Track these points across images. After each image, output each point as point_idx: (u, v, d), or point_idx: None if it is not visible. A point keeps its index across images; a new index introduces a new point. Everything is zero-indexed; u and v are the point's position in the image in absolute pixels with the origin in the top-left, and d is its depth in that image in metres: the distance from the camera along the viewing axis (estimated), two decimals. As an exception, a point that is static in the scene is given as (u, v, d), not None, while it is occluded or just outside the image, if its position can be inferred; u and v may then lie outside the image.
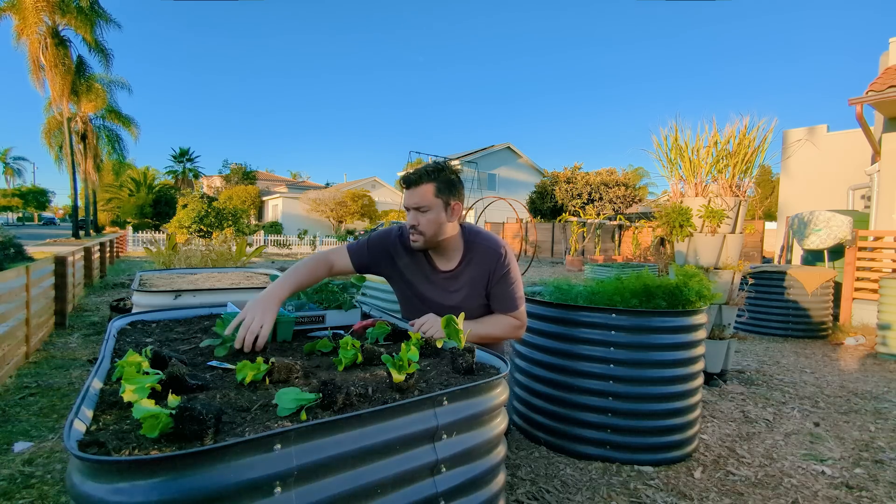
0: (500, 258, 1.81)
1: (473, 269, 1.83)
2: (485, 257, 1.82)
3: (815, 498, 1.95)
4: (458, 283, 1.84)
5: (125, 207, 34.65)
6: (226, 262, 6.82)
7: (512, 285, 1.82)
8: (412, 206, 1.74)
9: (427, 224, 1.73)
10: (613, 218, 19.26)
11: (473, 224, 1.93)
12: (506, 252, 1.83)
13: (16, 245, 7.50)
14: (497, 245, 1.84)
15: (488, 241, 1.85)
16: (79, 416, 0.80)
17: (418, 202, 1.72)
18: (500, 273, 1.81)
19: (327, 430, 0.83)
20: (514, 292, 1.83)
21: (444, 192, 1.74)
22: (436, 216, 1.74)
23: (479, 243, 1.84)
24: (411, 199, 1.74)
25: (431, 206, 1.73)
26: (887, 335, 4.43)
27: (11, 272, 3.53)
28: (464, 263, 1.83)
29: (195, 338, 1.44)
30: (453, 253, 1.85)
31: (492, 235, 1.88)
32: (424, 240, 1.76)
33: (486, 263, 1.81)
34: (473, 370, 1.16)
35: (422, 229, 1.74)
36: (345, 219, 31.13)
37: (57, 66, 19.51)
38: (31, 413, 2.64)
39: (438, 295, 1.85)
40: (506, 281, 1.81)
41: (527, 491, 1.92)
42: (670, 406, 2.18)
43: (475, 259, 1.83)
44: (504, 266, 1.82)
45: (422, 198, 1.72)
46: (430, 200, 1.73)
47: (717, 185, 3.67)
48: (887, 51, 7.91)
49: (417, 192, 1.73)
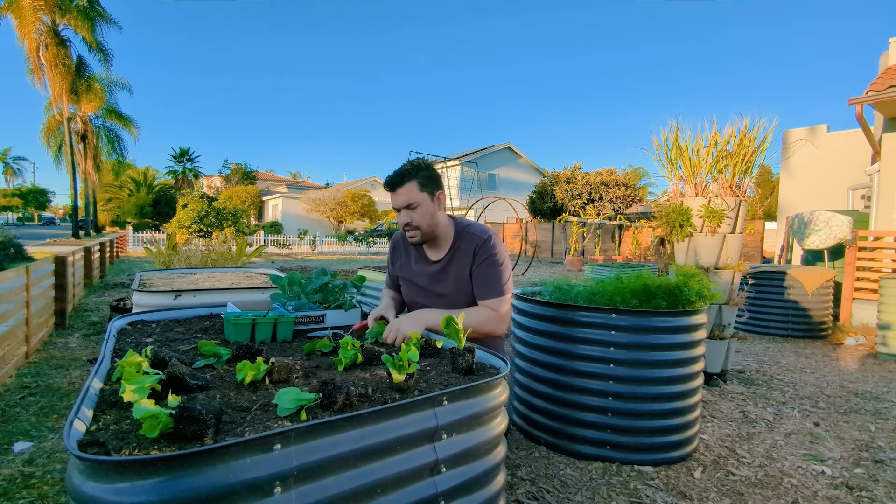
0: (484, 242, 1.85)
1: (460, 256, 1.88)
2: (470, 243, 1.87)
3: (815, 498, 1.95)
4: (448, 271, 1.89)
5: (125, 207, 34.65)
6: (226, 262, 6.82)
7: (494, 270, 1.84)
8: (402, 206, 1.82)
9: (420, 218, 1.81)
10: (613, 218, 19.26)
11: (467, 219, 1.97)
12: (491, 237, 1.88)
13: (16, 245, 7.50)
14: (483, 231, 1.89)
15: (476, 230, 1.91)
16: (79, 416, 0.80)
17: (407, 200, 1.80)
18: (483, 255, 1.84)
19: (327, 430, 0.83)
20: (496, 278, 1.83)
21: (427, 186, 1.82)
22: (426, 209, 1.82)
23: (467, 232, 1.90)
24: (399, 199, 1.82)
25: (419, 200, 1.81)
26: (887, 335, 4.43)
27: (11, 272, 3.53)
28: (453, 251, 1.89)
29: (195, 338, 1.44)
30: (444, 242, 1.92)
31: (482, 226, 1.94)
32: (421, 233, 1.85)
33: (472, 247, 1.86)
34: (473, 370, 1.16)
35: (416, 224, 1.82)
36: (345, 219, 31.13)
37: (57, 66, 19.50)
38: (31, 413, 2.64)
39: (430, 284, 1.92)
40: (488, 265, 1.84)
41: (527, 491, 1.92)
42: (670, 406, 2.18)
43: (462, 247, 1.88)
44: (487, 249, 1.84)
45: (409, 196, 1.80)
46: (416, 196, 1.81)
47: (717, 185, 3.67)
48: (887, 51, 7.91)
49: (403, 191, 1.81)
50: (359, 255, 20.04)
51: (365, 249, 23.14)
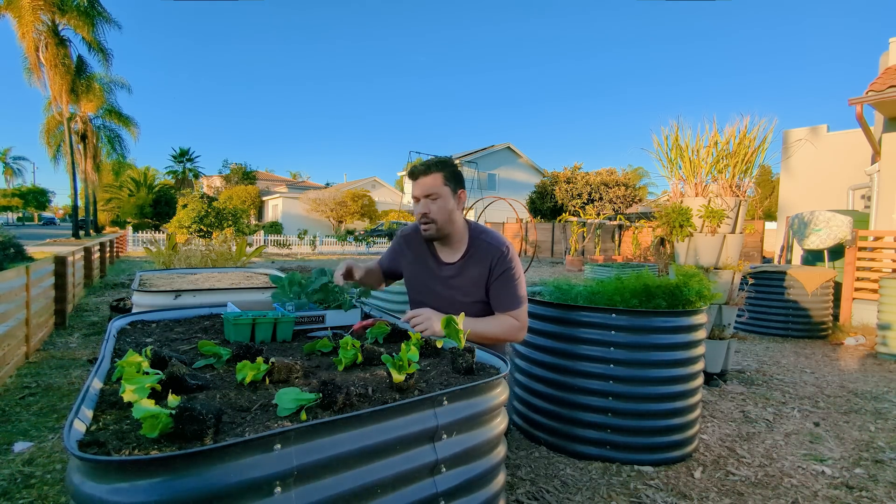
0: (501, 255, 1.83)
1: (475, 264, 1.85)
2: (487, 253, 1.84)
3: (815, 498, 1.95)
4: (460, 277, 1.87)
5: (125, 207, 34.65)
6: (226, 262, 6.81)
7: (513, 284, 1.82)
8: (423, 195, 1.79)
9: (438, 211, 1.79)
10: (613, 218, 19.25)
11: (481, 223, 1.95)
12: (509, 250, 1.85)
13: (16, 245, 7.49)
14: (500, 243, 1.86)
15: (492, 239, 1.87)
16: (79, 416, 0.80)
17: (429, 190, 1.78)
18: (500, 270, 1.82)
19: (327, 430, 0.83)
20: (515, 291, 1.82)
21: (451, 181, 1.81)
22: (445, 203, 1.80)
23: (483, 240, 1.87)
24: (422, 188, 1.79)
25: (441, 193, 1.79)
26: (887, 335, 4.43)
27: (11, 272, 3.53)
28: (466, 257, 1.86)
29: (195, 338, 1.44)
30: (458, 245, 1.89)
31: (497, 234, 1.91)
32: (436, 227, 1.81)
33: (488, 259, 1.83)
34: (473, 370, 1.16)
35: (433, 216, 1.79)
36: (345, 219, 31.12)
37: (56, 66, 19.49)
38: (31, 413, 2.64)
39: (441, 286, 1.89)
40: (506, 279, 1.81)
41: (527, 491, 1.92)
42: (670, 406, 2.18)
43: (477, 255, 1.85)
44: (505, 263, 1.82)
45: (432, 185, 1.79)
46: (439, 188, 1.79)
47: (717, 185, 3.67)
48: (887, 51, 7.91)
49: (427, 180, 1.79)
50: (359, 255, 20.05)
51: (365, 249, 23.14)
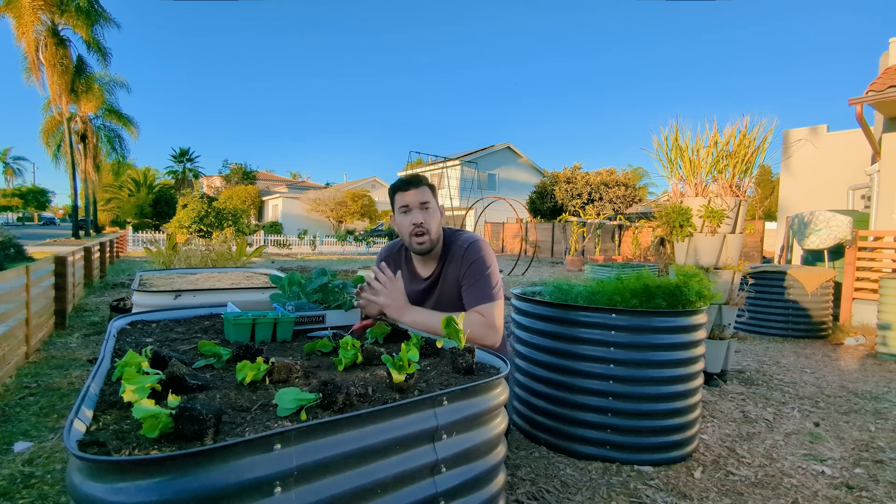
0: (469, 245, 1.83)
1: (448, 266, 1.85)
2: (459, 250, 1.84)
3: (815, 498, 1.95)
4: (436, 288, 1.87)
5: (125, 207, 34.66)
6: (226, 262, 6.81)
7: (482, 277, 1.77)
8: (418, 204, 1.79)
9: (432, 221, 1.80)
10: (613, 218, 19.25)
11: (455, 227, 1.96)
12: (476, 240, 1.85)
13: (16, 245, 7.50)
14: (470, 236, 1.87)
15: (464, 237, 1.88)
16: (79, 416, 0.80)
17: (424, 199, 1.80)
18: (468, 260, 1.80)
19: (327, 430, 0.83)
20: (484, 284, 1.76)
21: (435, 196, 1.87)
22: (436, 214, 1.83)
23: (454, 241, 1.88)
24: (418, 196, 1.79)
25: (433, 205, 1.83)
26: (887, 335, 4.42)
27: (11, 272, 3.52)
28: (442, 262, 1.87)
29: (195, 338, 1.44)
30: (436, 255, 1.89)
31: (470, 232, 1.91)
32: (430, 238, 1.81)
33: (460, 254, 1.83)
34: (473, 370, 1.16)
35: (428, 227, 1.79)
36: (345, 219, 31.14)
37: (56, 66, 19.50)
38: (31, 413, 2.64)
39: (424, 300, 1.90)
40: (474, 270, 1.78)
41: (527, 491, 1.92)
42: (670, 406, 2.18)
43: (452, 256, 1.85)
44: (472, 253, 1.81)
45: (425, 195, 1.81)
46: (431, 199, 1.83)
47: (717, 185, 3.67)
48: (887, 51, 7.91)
49: (421, 190, 1.80)
50: (359, 255, 20.04)
51: (365, 249, 23.15)
